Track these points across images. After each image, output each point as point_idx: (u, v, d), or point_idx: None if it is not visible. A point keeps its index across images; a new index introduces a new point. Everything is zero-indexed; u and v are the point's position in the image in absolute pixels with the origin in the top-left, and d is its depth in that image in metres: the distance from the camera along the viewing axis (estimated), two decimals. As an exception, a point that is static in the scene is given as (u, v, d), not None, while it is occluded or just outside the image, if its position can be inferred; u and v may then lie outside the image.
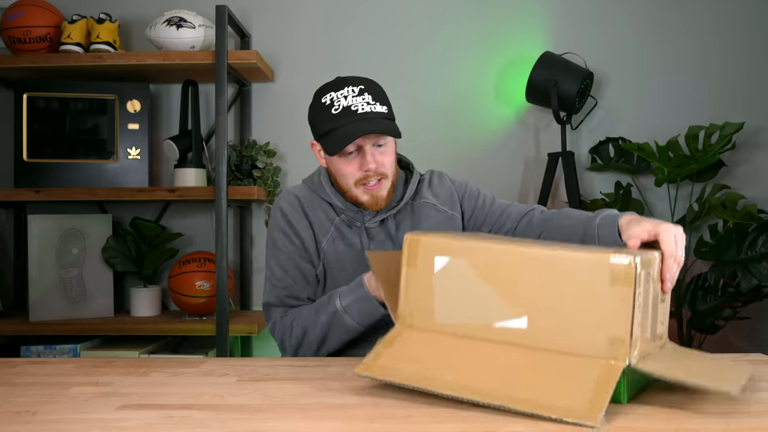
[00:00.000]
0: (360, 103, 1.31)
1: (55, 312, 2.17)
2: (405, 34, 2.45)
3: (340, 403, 0.95)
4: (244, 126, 2.45)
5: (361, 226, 1.41)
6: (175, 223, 2.46)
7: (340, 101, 1.32)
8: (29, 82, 2.24)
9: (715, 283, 2.20)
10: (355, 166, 1.34)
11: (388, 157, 1.36)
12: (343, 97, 1.32)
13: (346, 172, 1.35)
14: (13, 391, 1.03)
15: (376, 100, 1.33)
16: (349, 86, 1.33)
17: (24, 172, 2.21)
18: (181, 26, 2.19)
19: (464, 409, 0.91)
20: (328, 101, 1.33)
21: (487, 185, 2.44)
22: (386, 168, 1.36)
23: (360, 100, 1.31)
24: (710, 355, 1.13)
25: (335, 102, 1.32)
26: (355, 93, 1.32)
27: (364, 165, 1.33)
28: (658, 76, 2.42)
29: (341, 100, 1.32)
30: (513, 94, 2.43)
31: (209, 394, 1.00)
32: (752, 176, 2.39)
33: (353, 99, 1.31)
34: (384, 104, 1.35)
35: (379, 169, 1.34)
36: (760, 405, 0.92)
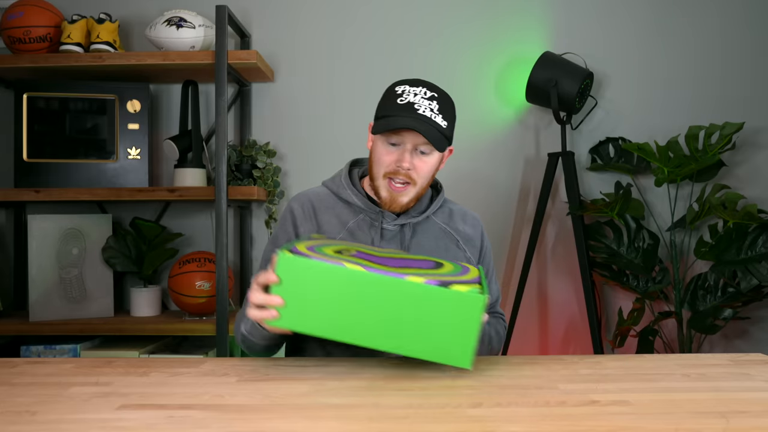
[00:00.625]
0: (425, 106, 1.33)
1: (55, 312, 2.17)
2: (405, 34, 2.46)
3: (340, 403, 0.95)
4: (244, 126, 2.45)
5: (378, 226, 1.42)
6: (175, 223, 2.46)
7: (409, 96, 1.35)
8: (29, 82, 2.24)
9: (715, 283, 2.20)
10: (393, 157, 1.35)
11: (426, 166, 1.37)
12: (414, 94, 1.35)
13: (383, 160, 1.36)
14: (13, 391, 1.03)
15: (441, 112, 1.35)
16: (424, 88, 1.36)
17: (24, 172, 2.21)
18: (181, 26, 2.19)
19: (464, 409, 0.91)
20: (400, 91, 1.36)
21: (487, 185, 2.46)
22: (418, 175, 1.37)
23: (427, 104, 1.34)
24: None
25: (405, 94, 1.35)
26: (426, 96, 1.35)
27: (400, 160, 1.34)
28: (658, 76, 2.42)
29: (410, 96, 1.35)
30: (513, 94, 2.43)
31: (209, 394, 1.00)
32: (752, 176, 2.39)
33: (421, 100, 1.34)
34: (446, 120, 1.35)
35: (411, 173, 1.36)
36: (760, 405, 0.92)
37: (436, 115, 1.33)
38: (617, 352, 2.30)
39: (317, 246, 1.15)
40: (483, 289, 1.08)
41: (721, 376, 1.10)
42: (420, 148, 1.35)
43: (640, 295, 2.24)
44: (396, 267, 1.10)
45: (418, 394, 0.99)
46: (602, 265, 2.30)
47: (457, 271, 1.15)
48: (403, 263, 1.14)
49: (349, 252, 1.15)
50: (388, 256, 1.18)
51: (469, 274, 1.16)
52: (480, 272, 1.19)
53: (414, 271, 1.09)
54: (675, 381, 1.07)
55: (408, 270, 1.09)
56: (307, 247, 1.13)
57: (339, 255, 1.11)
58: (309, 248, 1.12)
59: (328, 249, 1.14)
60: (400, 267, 1.11)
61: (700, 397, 0.97)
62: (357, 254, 1.14)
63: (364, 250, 1.19)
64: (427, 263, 1.18)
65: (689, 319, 2.17)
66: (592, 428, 0.83)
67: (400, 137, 1.34)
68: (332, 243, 1.22)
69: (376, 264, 1.09)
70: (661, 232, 2.35)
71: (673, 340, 2.36)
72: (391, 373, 1.13)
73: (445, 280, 1.06)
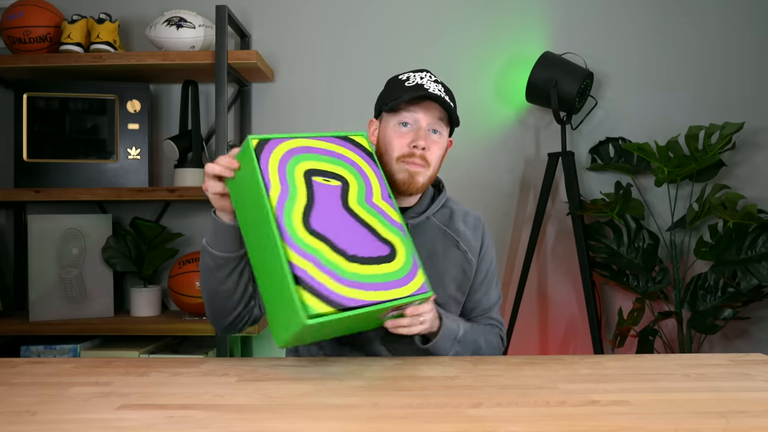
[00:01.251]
0: (434, 87, 1.35)
1: (55, 312, 2.17)
2: (405, 34, 2.46)
3: (340, 403, 0.95)
4: (244, 126, 2.45)
5: None
6: (175, 223, 2.46)
7: (415, 79, 1.37)
8: (29, 82, 2.24)
9: (715, 283, 2.20)
10: (407, 139, 1.34)
11: (438, 147, 1.38)
12: (420, 77, 1.37)
13: (396, 144, 1.35)
14: (13, 391, 1.03)
15: (448, 94, 1.38)
16: (428, 74, 1.39)
17: (24, 172, 2.21)
18: (181, 26, 2.19)
19: (463, 409, 0.91)
20: (405, 77, 1.38)
21: (487, 185, 2.46)
22: (432, 156, 1.36)
23: (434, 85, 1.36)
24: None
25: (411, 78, 1.37)
26: (432, 80, 1.37)
27: (414, 140, 1.33)
28: (658, 76, 2.42)
29: (417, 79, 1.37)
30: (513, 94, 2.43)
31: (209, 394, 1.00)
32: (752, 176, 2.39)
33: (428, 82, 1.36)
34: (453, 102, 1.39)
35: (426, 154, 1.35)
36: (760, 405, 0.92)
37: (445, 96, 1.35)
38: (617, 352, 2.30)
39: (296, 156, 1.19)
40: (399, 304, 1.13)
41: (721, 376, 1.10)
42: (433, 127, 1.35)
43: (640, 295, 2.24)
44: (349, 231, 1.15)
45: (418, 394, 0.99)
46: (602, 265, 2.30)
47: (397, 276, 1.15)
48: (361, 233, 1.16)
49: (318, 175, 1.18)
50: (352, 212, 1.18)
51: (409, 284, 1.16)
52: (424, 280, 1.17)
53: (338, 257, 1.11)
54: (675, 381, 1.07)
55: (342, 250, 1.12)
56: (287, 150, 1.18)
57: (304, 172, 1.17)
58: (288, 151, 1.18)
59: (304, 163, 1.18)
60: (353, 233, 1.15)
61: (700, 397, 0.97)
62: (316, 187, 1.16)
63: (331, 183, 1.19)
64: (383, 248, 1.16)
65: (689, 319, 2.17)
66: (592, 428, 0.83)
67: (413, 114, 1.34)
68: (317, 158, 1.21)
69: (322, 212, 1.13)
70: (661, 232, 2.35)
71: (673, 340, 2.36)
72: (391, 373, 1.13)
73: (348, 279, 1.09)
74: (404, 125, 1.35)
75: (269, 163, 1.14)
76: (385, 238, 1.18)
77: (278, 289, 1.07)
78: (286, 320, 1.06)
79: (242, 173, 1.16)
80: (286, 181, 1.13)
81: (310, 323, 1.01)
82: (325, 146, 1.22)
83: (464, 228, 1.46)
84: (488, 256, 1.49)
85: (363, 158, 1.25)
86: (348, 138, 1.25)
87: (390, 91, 1.39)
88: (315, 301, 1.03)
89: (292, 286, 1.03)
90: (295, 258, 1.06)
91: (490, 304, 1.49)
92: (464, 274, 1.43)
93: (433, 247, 1.42)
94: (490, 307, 1.49)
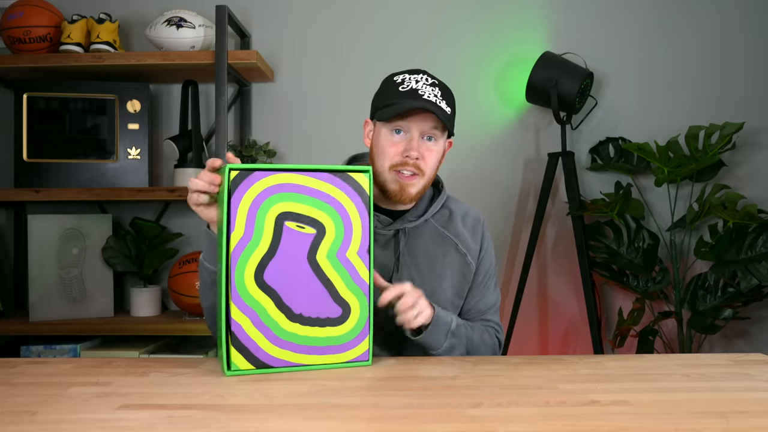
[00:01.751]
0: (429, 92, 1.31)
1: (55, 312, 2.17)
2: (405, 34, 2.46)
3: (340, 403, 0.95)
4: (244, 126, 2.45)
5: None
6: (175, 223, 2.46)
7: (410, 83, 1.32)
8: (29, 82, 2.24)
9: (715, 283, 2.20)
10: (399, 148, 1.31)
11: (433, 155, 1.34)
12: (415, 81, 1.33)
13: (388, 152, 1.32)
14: (13, 391, 1.03)
15: (445, 98, 1.33)
16: (424, 75, 1.35)
17: (24, 172, 2.21)
18: (181, 26, 2.19)
19: (463, 409, 0.91)
20: (400, 80, 1.34)
21: (487, 185, 2.46)
22: (426, 165, 1.33)
23: (430, 89, 1.31)
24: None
25: (406, 82, 1.33)
26: (428, 83, 1.33)
27: (407, 150, 1.30)
28: (658, 76, 2.42)
29: (412, 83, 1.32)
30: (513, 94, 2.43)
31: (209, 394, 1.00)
32: (752, 176, 2.39)
33: (424, 86, 1.32)
34: (450, 107, 1.34)
35: (419, 163, 1.31)
36: (760, 405, 0.92)
37: (441, 101, 1.31)
38: (617, 352, 2.30)
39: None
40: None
41: (721, 376, 1.10)
42: (427, 134, 1.32)
43: (640, 295, 2.24)
44: (304, 288, 1.14)
45: (418, 394, 0.99)
46: (602, 265, 2.30)
47: (339, 341, 1.17)
48: (317, 291, 1.15)
49: (293, 220, 1.14)
50: (316, 266, 1.16)
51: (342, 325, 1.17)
52: (367, 348, 1.18)
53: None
54: (675, 381, 1.07)
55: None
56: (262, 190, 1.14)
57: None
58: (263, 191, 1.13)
59: (281, 204, 1.13)
60: (308, 290, 1.14)
61: (700, 397, 0.97)
62: (285, 234, 1.13)
63: (305, 230, 1.15)
64: (335, 309, 1.16)
65: (689, 319, 2.17)
66: (592, 428, 0.83)
67: (407, 123, 1.30)
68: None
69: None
70: (661, 232, 2.35)
71: (673, 340, 2.36)
72: (391, 373, 1.13)
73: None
74: (397, 132, 1.32)
75: (241, 201, 1.09)
76: (343, 297, 1.16)
77: (219, 324, 1.13)
78: (219, 351, 1.15)
79: (219, 197, 1.15)
80: (253, 224, 1.10)
81: (229, 374, 1.10)
82: (313, 184, 1.13)
83: (463, 229, 1.43)
84: (487, 258, 1.46)
85: (354, 201, 1.16)
86: (343, 173, 1.16)
87: (384, 94, 1.35)
88: (239, 358, 1.10)
89: (224, 337, 1.10)
90: (234, 312, 1.10)
91: (488, 306, 1.45)
92: (463, 277, 1.41)
93: (432, 250, 1.39)
94: (487, 309, 1.46)
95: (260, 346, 1.11)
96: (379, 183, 1.35)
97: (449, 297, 1.40)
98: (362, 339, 1.17)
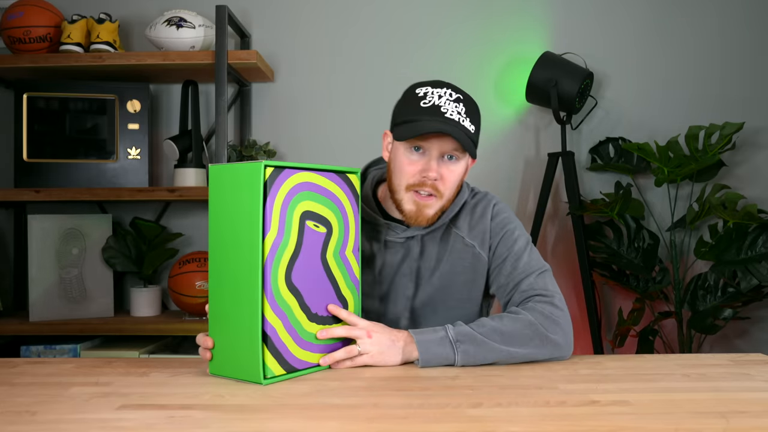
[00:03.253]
0: (452, 109, 1.24)
1: (55, 312, 2.17)
2: (405, 33, 2.46)
3: (340, 403, 0.95)
4: (244, 126, 2.45)
5: (382, 240, 1.35)
6: (175, 223, 2.46)
7: (433, 98, 1.25)
8: (29, 82, 2.24)
9: (715, 283, 2.20)
10: (417, 167, 1.25)
11: (453, 176, 1.27)
12: (438, 96, 1.25)
13: (406, 171, 1.26)
14: (13, 391, 1.03)
15: (468, 115, 1.25)
16: (448, 89, 1.27)
17: (24, 172, 2.21)
18: (181, 26, 2.19)
19: (463, 409, 0.91)
20: (422, 93, 1.26)
21: (487, 185, 2.43)
22: (445, 187, 1.27)
23: (453, 106, 1.24)
24: None
25: (428, 97, 1.25)
26: (452, 99, 1.25)
27: (426, 170, 1.24)
28: (658, 76, 2.42)
29: (434, 98, 1.25)
30: (513, 94, 2.43)
31: (209, 394, 1.00)
32: (752, 176, 2.39)
33: (447, 102, 1.24)
34: (474, 124, 1.27)
35: (438, 184, 1.25)
36: (760, 405, 0.92)
37: (464, 119, 1.24)
38: (617, 352, 2.30)
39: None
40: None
41: (721, 376, 1.10)
42: (447, 153, 1.25)
43: (640, 295, 2.24)
44: (318, 286, 1.14)
45: (418, 394, 0.99)
46: (602, 265, 2.30)
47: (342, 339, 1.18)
48: (327, 289, 1.15)
49: (311, 219, 1.13)
50: (326, 264, 1.15)
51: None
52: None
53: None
54: (675, 381, 1.07)
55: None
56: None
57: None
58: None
59: (304, 203, 1.11)
60: (321, 288, 1.14)
61: (700, 397, 0.97)
62: (306, 233, 1.11)
63: (319, 229, 1.14)
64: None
65: (689, 319, 2.17)
66: (592, 428, 0.83)
67: (427, 142, 1.23)
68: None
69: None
70: (661, 232, 2.35)
71: (673, 340, 2.36)
72: (391, 373, 1.13)
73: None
74: (416, 149, 1.25)
75: (275, 200, 1.05)
76: (343, 295, 1.19)
77: (241, 333, 1.06)
78: (236, 362, 1.07)
79: (239, 197, 1.06)
80: (284, 223, 1.07)
81: (266, 383, 1.05)
82: (324, 183, 1.15)
83: (470, 220, 1.37)
84: (506, 236, 1.35)
85: (350, 201, 1.19)
86: (342, 174, 1.18)
87: (405, 108, 1.27)
88: (275, 363, 1.06)
89: (259, 344, 1.04)
90: (269, 314, 1.05)
91: (526, 271, 1.30)
92: (474, 271, 1.36)
93: (441, 249, 1.36)
94: (528, 275, 1.30)
95: (290, 351, 1.09)
96: (396, 200, 1.30)
97: (464, 294, 1.37)
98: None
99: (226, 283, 1.08)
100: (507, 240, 1.35)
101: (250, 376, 1.06)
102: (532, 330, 1.20)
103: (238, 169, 1.07)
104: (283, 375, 1.08)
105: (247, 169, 1.05)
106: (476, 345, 1.17)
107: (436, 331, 1.19)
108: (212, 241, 1.10)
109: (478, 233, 1.36)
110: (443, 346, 1.17)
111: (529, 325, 1.20)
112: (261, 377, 1.04)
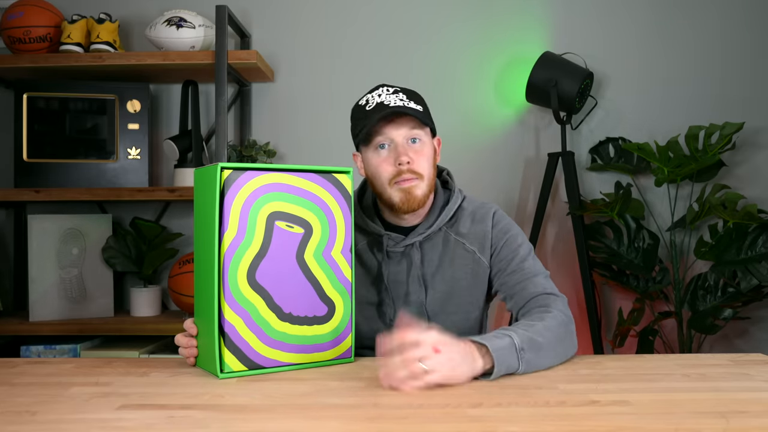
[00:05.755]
0: (394, 100, 1.33)
1: (55, 312, 2.17)
2: (405, 33, 2.46)
3: (340, 403, 0.95)
4: (244, 126, 2.45)
5: (383, 251, 1.38)
6: (175, 223, 2.46)
7: (374, 99, 1.34)
8: (29, 82, 2.24)
9: (715, 283, 2.20)
10: (390, 161, 1.32)
11: (423, 156, 1.33)
12: (378, 95, 1.35)
13: (381, 169, 1.33)
14: (13, 391, 1.03)
15: (411, 99, 1.34)
16: (384, 87, 1.37)
17: (24, 172, 2.21)
18: (181, 26, 2.19)
19: (464, 409, 0.91)
20: (364, 102, 1.36)
21: (487, 185, 2.46)
22: (421, 168, 1.32)
23: (394, 97, 1.33)
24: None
25: (370, 101, 1.35)
26: (390, 92, 1.35)
27: (397, 158, 1.31)
28: (658, 76, 2.42)
29: (376, 99, 1.34)
30: (513, 94, 2.43)
31: (209, 394, 1.00)
32: (752, 176, 2.39)
33: (387, 96, 1.34)
34: (420, 104, 1.35)
35: (413, 167, 1.31)
36: (760, 405, 0.92)
37: (408, 102, 1.33)
38: (617, 352, 2.30)
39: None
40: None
41: (721, 376, 1.10)
42: (409, 137, 1.32)
43: (640, 295, 2.24)
44: (293, 287, 1.15)
45: (418, 394, 0.99)
46: (602, 265, 2.30)
47: (325, 339, 1.19)
48: (305, 290, 1.16)
49: (283, 220, 1.14)
50: (304, 265, 1.17)
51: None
52: (350, 345, 1.21)
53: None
54: (675, 381, 1.07)
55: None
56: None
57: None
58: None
59: (272, 204, 1.13)
60: (296, 289, 1.15)
61: (700, 397, 0.97)
62: (276, 234, 1.13)
63: (294, 229, 1.16)
64: (321, 308, 1.18)
65: (689, 319, 2.17)
66: (592, 428, 0.83)
67: (385, 135, 1.32)
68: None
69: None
70: (661, 232, 2.35)
71: (673, 340, 2.36)
72: (391, 373, 1.13)
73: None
74: (382, 147, 1.33)
75: (234, 201, 1.09)
76: (328, 296, 1.18)
77: (207, 327, 1.12)
78: (206, 355, 1.13)
79: (205, 200, 1.12)
80: (245, 223, 1.10)
81: (222, 377, 1.09)
82: (301, 184, 1.16)
83: (470, 227, 1.40)
84: (509, 242, 1.37)
85: (338, 201, 1.20)
86: (329, 174, 1.19)
87: (356, 122, 1.38)
88: (233, 359, 1.09)
89: (216, 339, 1.09)
90: (227, 313, 1.09)
91: (533, 272, 1.33)
92: (475, 276, 1.38)
93: (442, 256, 1.39)
94: (534, 275, 1.32)
95: (252, 347, 1.11)
96: (386, 201, 1.35)
97: (467, 298, 1.39)
98: (345, 336, 1.20)
99: (199, 281, 1.15)
100: (511, 244, 1.38)
101: (213, 370, 1.11)
102: (565, 330, 1.21)
103: (205, 171, 1.13)
104: (244, 371, 1.11)
105: (209, 171, 1.11)
106: (535, 351, 1.12)
107: (501, 338, 1.09)
108: (195, 240, 1.18)
109: (479, 239, 1.39)
110: (511, 354, 1.08)
111: (562, 325, 1.21)
112: (218, 371, 1.09)
